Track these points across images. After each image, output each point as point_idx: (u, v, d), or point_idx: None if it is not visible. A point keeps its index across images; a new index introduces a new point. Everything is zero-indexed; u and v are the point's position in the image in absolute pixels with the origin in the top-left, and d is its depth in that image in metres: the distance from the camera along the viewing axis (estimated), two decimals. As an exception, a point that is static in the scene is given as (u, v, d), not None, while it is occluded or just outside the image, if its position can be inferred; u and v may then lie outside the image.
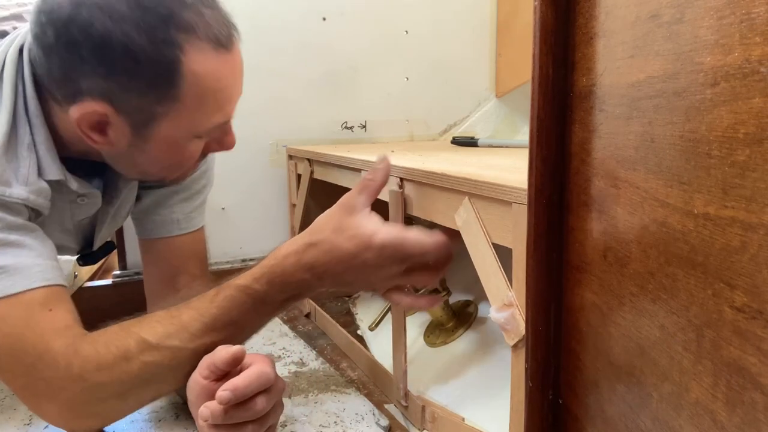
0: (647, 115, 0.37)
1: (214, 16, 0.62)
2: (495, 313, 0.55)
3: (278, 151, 1.24)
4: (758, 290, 0.30)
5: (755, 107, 0.29)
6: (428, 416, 0.74)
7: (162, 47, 0.58)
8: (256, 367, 0.59)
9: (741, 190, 0.30)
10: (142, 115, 0.63)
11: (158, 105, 0.62)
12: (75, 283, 1.06)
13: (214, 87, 0.64)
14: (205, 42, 0.61)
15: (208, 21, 0.61)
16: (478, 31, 1.41)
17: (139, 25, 0.57)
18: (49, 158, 0.65)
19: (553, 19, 0.43)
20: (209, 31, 0.61)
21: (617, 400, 0.42)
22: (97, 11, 0.56)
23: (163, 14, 0.58)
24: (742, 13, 0.30)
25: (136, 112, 0.62)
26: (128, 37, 0.57)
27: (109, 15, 0.56)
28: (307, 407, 0.79)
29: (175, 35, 0.59)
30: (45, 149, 0.65)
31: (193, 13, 0.60)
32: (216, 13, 0.62)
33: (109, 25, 0.56)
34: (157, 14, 0.58)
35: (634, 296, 0.40)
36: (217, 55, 0.62)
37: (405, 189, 0.73)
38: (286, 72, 1.23)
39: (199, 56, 0.61)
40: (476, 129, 1.41)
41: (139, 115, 0.63)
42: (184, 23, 0.59)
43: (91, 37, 0.57)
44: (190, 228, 0.88)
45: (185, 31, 0.59)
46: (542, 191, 0.46)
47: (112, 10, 0.56)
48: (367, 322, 1.04)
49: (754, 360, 0.31)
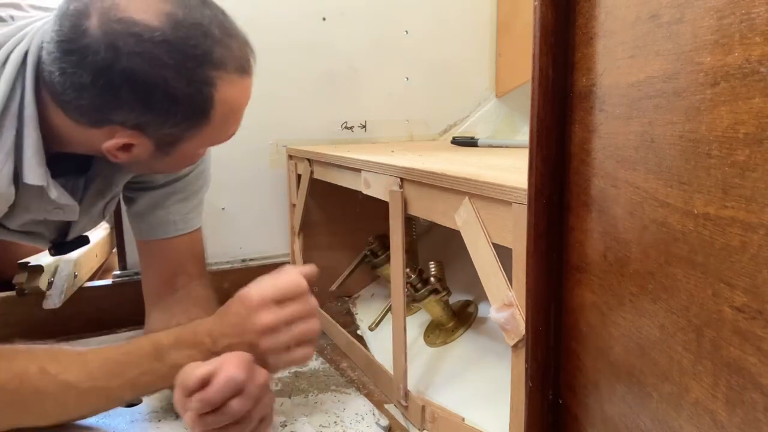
0: (647, 115, 0.37)
1: (238, 46, 0.65)
2: (495, 313, 0.55)
3: (278, 151, 1.24)
4: (758, 290, 0.30)
5: (755, 107, 0.29)
6: (428, 416, 0.74)
7: (198, 86, 0.61)
8: (224, 373, 0.60)
9: (741, 190, 0.30)
10: (171, 139, 0.66)
11: (188, 132, 0.65)
12: (75, 283, 1.06)
13: (237, 107, 0.68)
14: (233, 74, 0.64)
15: (234, 53, 0.64)
16: (478, 31, 1.41)
17: (178, 70, 0.59)
18: (34, 163, 0.65)
19: (553, 19, 0.43)
20: (236, 62, 0.64)
21: (617, 400, 0.42)
22: (137, 59, 0.58)
23: (198, 55, 0.60)
24: (742, 13, 0.30)
25: (166, 137, 0.65)
26: (167, 81, 0.59)
27: (149, 62, 0.58)
28: (307, 407, 0.79)
29: (209, 73, 0.61)
30: (32, 153, 0.65)
31: (223, 48, 0.62)
32: (239, 41, 0.65)
33: (149, 72, 0.58)
34: (193, 57, 0.60)
35: (634, 296, 0.40)
36: (241, 81, 0.65)
37: (405, 189, 0.73)
38: (287, 72, 1.23)
39: (229, 87, 0.64)
40: (476, 129, 1.41)
41: (169, 139, 0.66)
42: (217, 61, 0.62)
43: (132, 82, 0.59)
44: (187, 229, 0.88)
45: (217, 68, 0.62)
46: (542, 191, 0.46)
47: (152, 56, 0.58)
48: (367, 322, 1.04)
49: (754, 360, 0.31)
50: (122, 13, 0.57)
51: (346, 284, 1.12)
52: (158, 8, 0.58)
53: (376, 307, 1.13)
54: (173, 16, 0.59)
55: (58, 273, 1.02)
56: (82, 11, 0.58)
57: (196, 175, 0.87)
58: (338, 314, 1.15)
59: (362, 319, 1.12)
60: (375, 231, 1.07)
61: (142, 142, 0.65)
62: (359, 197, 0.89)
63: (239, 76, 0.65)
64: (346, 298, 1.24)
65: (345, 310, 1.19)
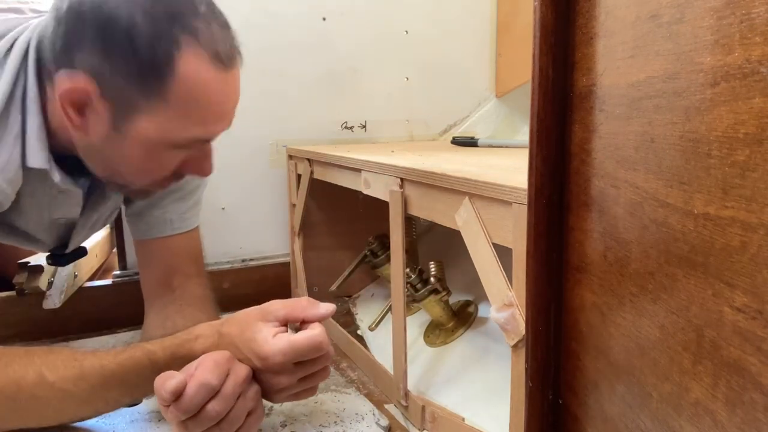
0: (647, 115, 0.37)
1: (221, 33, 0.63)
2: (495, 313, 0.55)
3: (278, 151, 1.24)
4: (758, 290, 0.30)
5: (755, 107, 0.29)
6: (428, 416, 0.74)
7: (161, 39, 0.60)
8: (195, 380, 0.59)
9: (741, 190, 0.30)
10: (124, 104, 0.62)
11: (142, 97, 0.62)
12: (75, 283, 1.06)
13: (202, 98, 0.63)
14: (204, 50, 0.62)
15: (213, 34, 0.62)
16: (478, 31, 1.41)
17: (146, 12, 0.58)
18: (38, 145, 0.65)
19: (553, 19, 0.43)
20: (211, 43, 0.62)
21: (617, 400, 0.42)
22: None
23: (173, 11, 0.60)
24: (742, 13, 0.30)
25: (119, 98, 0.62)
26: (132, 21, 0.58)
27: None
28: (307, 407, 0.79)
29: (177, 33, 0.60)
30: (35, 136, 0.65)
31: (202, 23, 0.61)
32: (225, 32, 0.64)
33: (119, 4, 0.58)
34: (167, 9, 0.59)
35: (634, 296, 0.40)
36: (212, 68, 0.62)
37: (405, 189, 0.73)
38: (286, 72, 1.23)
39: (194, 61, 0.61)
40: (476, 129, 1.41)
41: (121, 103, 0.62)
42: (190, 26, 0.60)
43: (100, 12, 0.58)
44: (183, 228, 0.88)
45: (188, 33, 0.60)
46: (542, 191, 0.46)
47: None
48: (367, 322, 1.04)
49: (754, 360, 0.31)
50: None
51: (346, 284, 1.12)
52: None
53: (376, 307, 1.13)
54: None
55: (58, 273, 1.02)
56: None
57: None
58: (338, 314, 1.15)
59: (362, 319, 1.12)
60: (375, 231, 1.07)
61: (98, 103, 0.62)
62: (359, 197, 0.89)
63: (211, 59, 0.62)
64: (346, 298, 1.24)
65: (345, 310, 1.19)
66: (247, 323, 0.65)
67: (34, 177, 0.68)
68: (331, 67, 1.27)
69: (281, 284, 1.24)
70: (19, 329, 1.03)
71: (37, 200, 0.72)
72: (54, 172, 0.68)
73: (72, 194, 0.75)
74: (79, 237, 0.85)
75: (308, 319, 0.66)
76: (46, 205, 0.75)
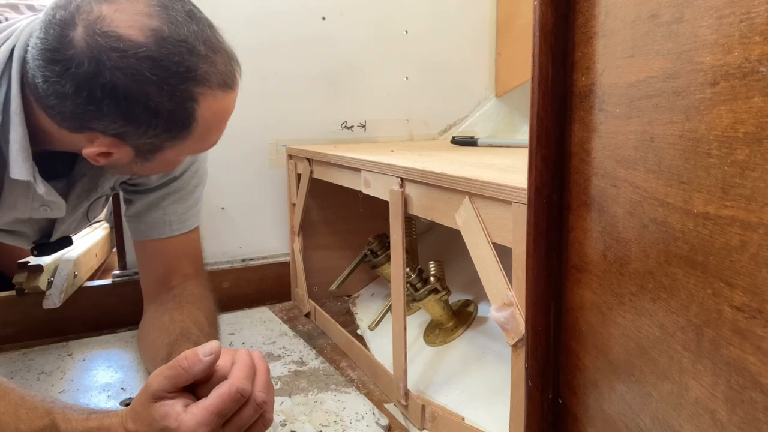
0: (647, 114, 0.37)
1: (222, 62, 0.64)
2: (495, 313, 0.55)
3: (278, 151, 1.24)
4: (758, 290, 0.30)
5: (755, 107, 0.29)
6: (428, 416, 0.74)
7: (180, 101, 0.61)
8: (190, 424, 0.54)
9: (741, 190, 0.30)
10: (151, 147, 0.66)
11: (167, 141, 0.65)
12: (75, 282, 1.06)
13: (219, 120, 0.68)
14: (216, 89, 0.64)
15: (218, 69, 0.63)
16: (477, 30, 1.41)
17: (160, 86, 0.59)
18: (21, 158, 0.65)
19: (553, 19, 0.43)
20: (220, 78, 0.64)
21: (617, 400, 0.42)
22: (120, 73, 0.58)
23: (182, 72, 0.60)
24: (742, 12, 0.30)
25: (146, 146, 0.65)
26: (149, 97, 0.59)
27: (132, 77, 0.58)
28: (307, 406, 0.79)
29: (192, 89, 0.61)
30: (18, 149, 0.65)
31: (207, 64, 0.62)
32: (224, 57, 0.65)
33: (131, 86, 0.58)
34: (177, 73, 0.60)
35: (633, 296, 0.40)
36: (224, 96, 0.65)
37: (405, 189, 0.73)
38: (286, 71, 1.23)
39: (211, 101, 0.64)
40: (476, 129, 1.41)
41: (148, 148, 0.66)
42: (200, 77, 0.62)
43: (114, 96, 0.59)
44: (182, 229, 0.88)
45: (201, 84, 0.62)
46: (542, 191, 0.46)
47: (135, 72, 0.58)
48: (367, 321, 1.04)
49: (753, 359, 0.31)
50: (108, 27, 0.57)
51: (346, 284, 1.12)
52: (144, 23, 0.58)
53: (375, 306, 1.13)
54: (159, 32, 0.58)
55: (57, 273, 1.02)
56: (68, 21, 0.58)
57: (191, 174, 0.87)
58: (338, 314, 1.15)
59: (362, 319, 1.12)
60: (375, 231, 1.07)
61: (122, 149, 0.65)
62: (359, 197, 0.89)
63: (222, 91, 0.64)
64: (346, 298, 1.24)
65: (345, 309, 1.19)
66: (148, 413, 0.56)
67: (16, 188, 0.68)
68: (330, 67, 1.27)
69: (281, 284, 1.24)
70: (19, 329, 1.03)
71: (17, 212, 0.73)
72: (38, 184, 0.68)
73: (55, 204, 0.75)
74: (63, 228, 0.85)
75: (199, 374, 0.57)
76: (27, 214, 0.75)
